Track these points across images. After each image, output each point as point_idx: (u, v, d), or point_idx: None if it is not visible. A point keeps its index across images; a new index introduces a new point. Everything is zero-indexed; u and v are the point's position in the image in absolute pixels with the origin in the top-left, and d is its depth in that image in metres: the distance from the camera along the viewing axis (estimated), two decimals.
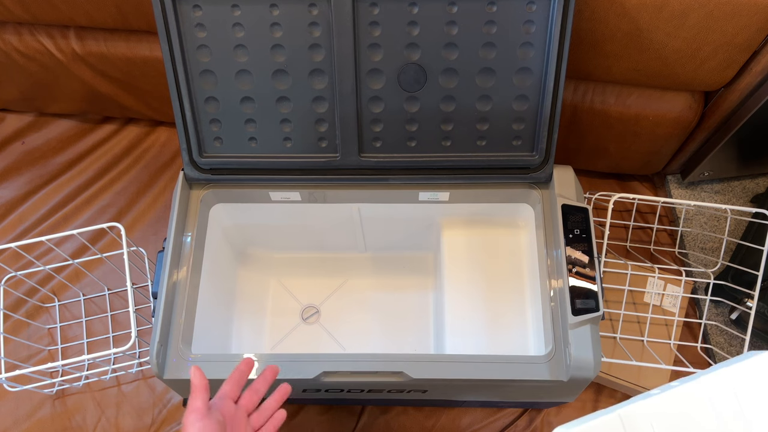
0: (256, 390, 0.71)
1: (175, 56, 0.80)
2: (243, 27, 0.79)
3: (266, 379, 0.72)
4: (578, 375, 0.77)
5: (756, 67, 0.89)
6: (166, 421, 1.02)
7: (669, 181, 1.21)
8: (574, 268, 0.81)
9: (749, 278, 0.93)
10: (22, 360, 1.06)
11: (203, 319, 0.86)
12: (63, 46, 1.08)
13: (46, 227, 1.18)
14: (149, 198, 1.21)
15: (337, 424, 1.03)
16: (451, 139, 0.87)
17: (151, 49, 1.05)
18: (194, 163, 0.88)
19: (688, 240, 1.14)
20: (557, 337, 0.80)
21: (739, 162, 1.12)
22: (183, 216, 0.88)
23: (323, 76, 0.82)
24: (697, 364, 0.95)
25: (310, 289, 1.08)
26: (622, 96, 1.00)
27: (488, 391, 0.87)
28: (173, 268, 0.84)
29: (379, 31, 0.79)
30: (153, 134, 1.28)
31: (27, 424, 1.02)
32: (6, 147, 1.26)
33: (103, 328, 1.09)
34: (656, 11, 0.82)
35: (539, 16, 0.78)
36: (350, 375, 0.79)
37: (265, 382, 0.72)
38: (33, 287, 1.10)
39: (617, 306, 1.00)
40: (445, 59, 0.81)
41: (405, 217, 0.99)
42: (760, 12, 0.80)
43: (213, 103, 0.84)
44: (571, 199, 0.86)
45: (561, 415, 1.02)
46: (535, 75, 0.82)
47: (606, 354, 0.96)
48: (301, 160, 0.88)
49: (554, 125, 0.84)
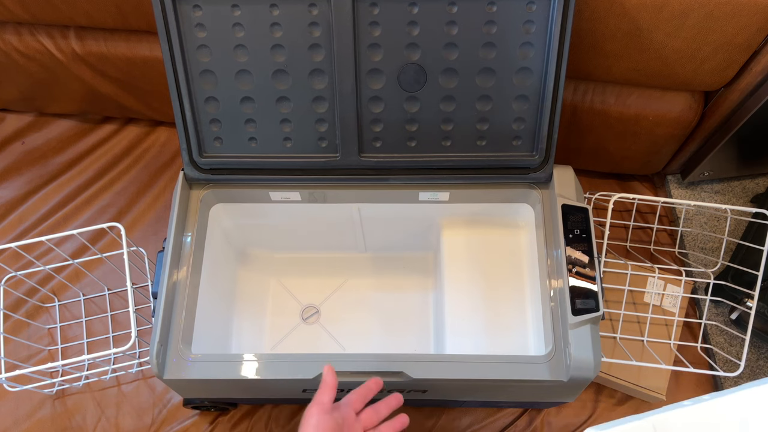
0: (377, 410, 0.73)
1: (175, 56, 0.80)
2: (243, 27, 0.79)
3: (389, 404, 0.74)
4: (578, 375, 0.77)
5: (756, 67, 0.89)
6: (166, 421, 1.02)
7: (669, 181, 1.21)
8: (574, 268, 0.81)
9: (749, 278, 0.93)
10: (22, 360, 1.06)
11: (203, 319, 0.86)
12: (63, 46, 1.08)
13: (46, 227, 1.18)
14: (149, 198, 1.21)
15: None
16: (451, 139, 0.87)
17: (151, 49, 1.05)
18: (194, 163, 0.88)
19: (688, 240, 1.14)
20: (557, 337, 0.80)
21: (739, 162, 1.12)
22: (183, 216, 0.88)
23: (323, 76, 0.82)
24: (697, 364, 0.95)
25: (310, 289, 1.08)
26: (622, 96, 1.00)
27: (488, 391, 0.87)
28: (173, 268, 0.84)
29: (379, 31, 0.79)
30: (153, 134, 1.28)
31: (27, 424, 1.02)
32: (6, 147, 1.26)
33: (103, 328, 1.09)
34: (656, 11, 0.83)
35: (539, 16, 0.78)
36: (350, 375, 0.79)
37: (388, 408, 0.74)
38: (33, 287, 1.10)
39: (617, 306, 1.00)
40: (445, 59, 0.81)
41: (405, 217, 0.99)
42: (760, 12, 0.80)
43: (213, 103, 0.84)
44: (571, 199, 0.86)
45: (561, 415, 1.02)
46: (535, 75, 0.82)
47: (606, 354, 0.96)
48: (301, 160, 0.88)
49: (554, 125, 0.84)
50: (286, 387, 0.85)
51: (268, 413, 1.03)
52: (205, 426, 1.02)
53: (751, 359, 1.06)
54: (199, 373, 0.79)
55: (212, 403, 0.99)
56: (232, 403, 1.03)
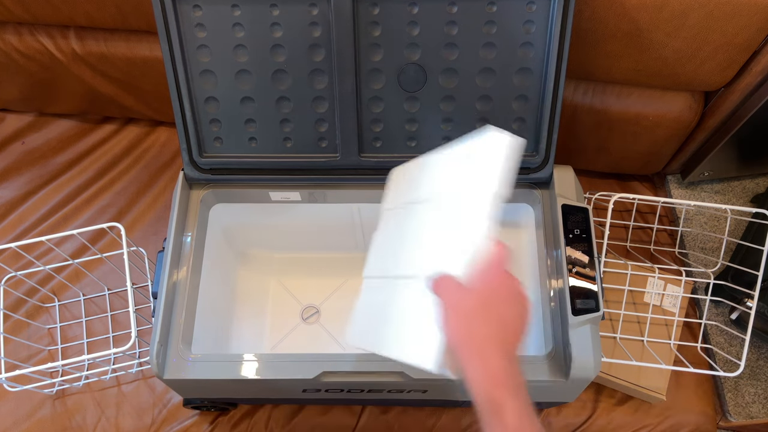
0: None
1: (175, 56, 0.80)
2: (243, 27, 0.79)
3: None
4: (578, 375, 0.77)
5: (756, 67, 0.89)
6: (166, 421, 1.02)
7: (669, 181, 1.21)
8: (574, 268, 0.81)
9: (749, 278, 0.93)
10: (22, 360, 1.06)
11: (203, 319, 0.86)
12: (63, 46, 1.08)
13: (46, 227, 1.18)
14: (149, 198, 1.21)
15: (337, 424, 1.03)
16: (451, 139, 0.86)
17: (151, 49, 1.05)
18: (194, 163, 0.87)
19: (688, 240, 1.14)
20: (557, 337, 0.80)
21: (739, 162, 1.12)
22: (183, 216, 0.88)
23: (323, 76, 0.82)
24: (697, 364, 0.95)
25: (310, 289, 1.08)
26: (622, 96, 1.00)
27: None
28: (173, 268, 0.84)
29: (379, 31, 0.79)
30: (153, 134, 1.28)
31: (27, 424, 1.02)
32: (6, 147, 1.26)
33: (103, 328, 1.09)
34: (656, 11, 0.82)
35: (539, 16, 0.78)
36: (350, 375, 0.79)
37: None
38: (33, 287, 1.10)
39: (617, 306, 1.00)
40: (445, 59, 0.81)
41: None
42: (760, 12, 0.80)
43: (213, 103, 0.84)
44: (571, 199, 0.86)
45: (561, 415, 1.02)
46: (535, 75, 0.82)
47: (606, 354, 0.95)
48: (301, 160, 0.88)
49: (554, 125, 0.84)
50: (286, 387, 0.85)
51: (268, 413, 1.03)
52: (205, 426, 1.02)
53: (751, 359, 1.06)
54: (199, 373, 0.79)
55: (212, 403, 0.99)
56: (232, 403, 1.03)
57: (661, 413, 1.02)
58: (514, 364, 0.52)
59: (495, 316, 0.53)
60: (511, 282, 0.55)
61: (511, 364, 0.51)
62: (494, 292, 0.54)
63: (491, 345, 0.52)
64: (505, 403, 0.50)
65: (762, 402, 1.04)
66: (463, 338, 0.53)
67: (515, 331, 0.53)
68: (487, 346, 0.52)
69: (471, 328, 0.53)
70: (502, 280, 0.54)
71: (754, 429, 1.07)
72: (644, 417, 1.02)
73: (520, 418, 0.49)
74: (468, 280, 0.55)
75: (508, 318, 0.53)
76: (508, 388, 0.50)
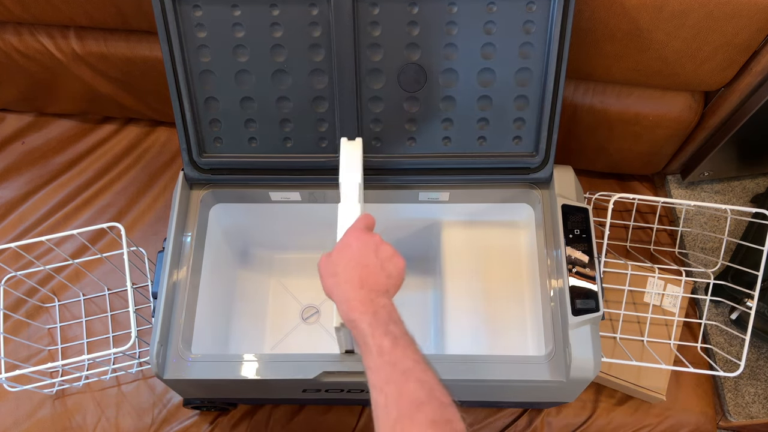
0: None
1: (175, 56, 0.80)
2: (243, 27, 0.79)
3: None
4: (578, 375, 0.77)
5: (756, 67, 0.89)
6: (166, 421, 1.02)
7: (669, 181, 1.21)
8: (574, 268, 0.81)
9: (749, 278, 0.93)
10: (22, 360, 1.06)
11: (203, 319, 0.86)
12: (63, 46, 1.08)
13: (46, 227, 1.18)
14: (149, 198, 1.21)
15: (337, 424, 1.03)
16: (451, 139, 0.87)
17: (151, 49, 1.05)
18: (194, 163, 0.87)
19: (688, 240, 1.14)
20: (557, 337, 0.80)
21: (739, 162, 1.12)
22: (183, 216, 0.88)
23: (323, 76, 0.82)
24: (697, 364, 0.95)
25: (310, 289, 1.08)
26: (622, 96, 1.00)
27: (488, 391, 0.87)
28: (173, 268, 0.84)
29: (379, 31, 0.79)
30: (153, 134, 1.28)
31: (27, 424, 1.02)
32: (6, 147, 1.26)
33: (103, 328, 1.09)
34: (656, 11, 0.82)
35: (539, 16, 0.78)
36: (350, 375, 0.79)
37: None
38: (33, 287, 1.10)
39: (617, 306, 1.00)
40: (445, 59, 0.81)
41: (405, 217, 0.99)
42: (760, 12, 0.80)
43: (213, 103, 0.84)
44: (571, 199, 0.86)
45: (561, 415, 1.02)
46: (535, 75, 0.82)
47: (606, 354, 0.95)
48: (301, 160, 0.88)
49: (554, 125, 0.84)
50: (286, 387, 0.85)
51: (268, 413, 1.03)
52: (205, 426, 1.02)
53: (751, 359, 1.06)
54: (199, 373, 0.79)
55: (212, 403, 0.99)
56: (232, 403, 1.03)
57: (661, 413, 1.02)
58: (375, 297, 0.62)
59: (352, 261, 0.64)
60: (367, 237, 0.66)
61: (369, 295, 0.62)
62: (348, 245, 0.66)
63: (347, 281, 0.63)
64: (362, 324, 0.59)
65: (762, 402, 1.04)
66: (328, 280, 0.65)
67: (374, 272, 0.64)
68: (344, 281, 0.63)
69: (330, 270, 0.65)
70: (358, 235, 0.66)
71: (754, 429, 1.08)
72: (644, 417, 1.02)
73: (380, 338, 0.58)
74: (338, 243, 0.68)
75: (366, 262, 0.64)
76: (363, 312, 0.60)
